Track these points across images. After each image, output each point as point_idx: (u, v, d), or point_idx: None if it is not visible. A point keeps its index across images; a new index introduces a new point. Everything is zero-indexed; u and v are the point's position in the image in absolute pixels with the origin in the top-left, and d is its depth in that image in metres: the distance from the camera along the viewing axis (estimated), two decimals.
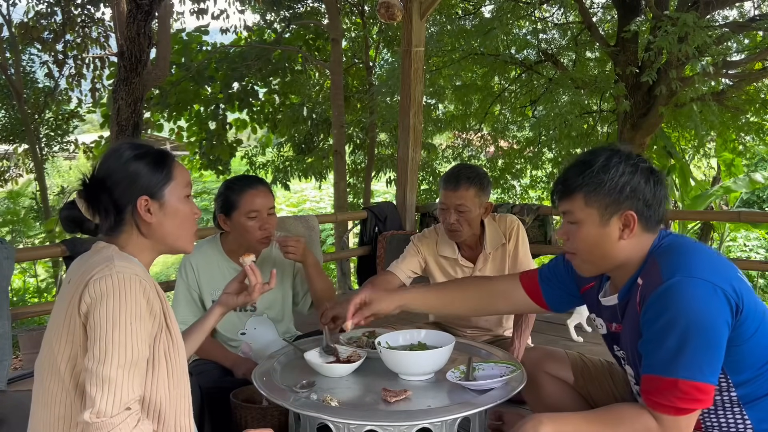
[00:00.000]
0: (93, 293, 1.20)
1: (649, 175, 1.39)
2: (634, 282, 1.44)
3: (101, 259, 1.26)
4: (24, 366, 4.15)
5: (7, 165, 10.49)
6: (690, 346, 1.28)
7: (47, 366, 1.27)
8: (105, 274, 1.21)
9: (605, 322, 1.58)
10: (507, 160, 9.34)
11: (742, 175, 8.48)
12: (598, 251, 1.43)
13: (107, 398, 1.16)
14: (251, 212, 2.15)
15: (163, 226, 1.36)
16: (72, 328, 1.23)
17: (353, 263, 5.69)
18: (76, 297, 1.22)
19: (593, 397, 1.76)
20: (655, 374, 1.33)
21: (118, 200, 1.32)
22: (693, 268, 1.32)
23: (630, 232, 1.39)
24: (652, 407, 1.34)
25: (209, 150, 9.33)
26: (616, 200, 1.37)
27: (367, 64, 9.91)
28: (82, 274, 1.25)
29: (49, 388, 1.26)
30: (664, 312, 1.31)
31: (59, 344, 1.25)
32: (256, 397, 1.94)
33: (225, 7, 9.58)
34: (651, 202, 1.38)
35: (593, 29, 6.71)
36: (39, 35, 7.75)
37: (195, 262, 2.21)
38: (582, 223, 1.42)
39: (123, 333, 1.18)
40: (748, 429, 1.39)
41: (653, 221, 1.41)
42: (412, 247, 2.61)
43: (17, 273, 8.73)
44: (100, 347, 1.17)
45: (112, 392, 1.16)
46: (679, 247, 1.40)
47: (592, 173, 1.39)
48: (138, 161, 1.34)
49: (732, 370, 1.36)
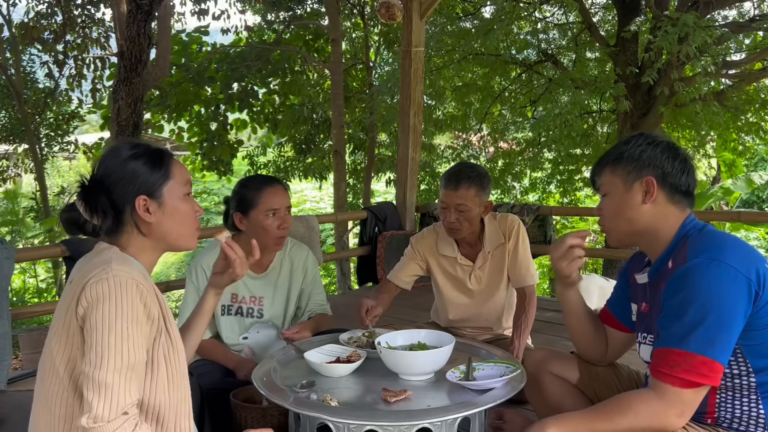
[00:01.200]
0: (89, 297, 1.20)
1: (667, 149, 1.52)
2: (664, 262, 1.49)
3: (99, 262, 1.25)
4: (24, 366, 4.15)
5: (7, 165, 10.49)
6: (705, 323, 1.32)
7: (48, 366, 1.27)
8: (101, 277, 1.21)
9: (638, 302, 1.62)
10: (507, 161, 9.35)
11: (742, 174, 8.49)
12: (624, 215, 1.54)
13: (104, 403, 1.15)
14: (270, 210, 2.16)
15: (163, 225, 1.35)
16: (70, 331, 1.23)
17: (353, 263, 5.70)
18: (74, 299, 1.22)
19: (598, 395, 1.76)
20: (666, 347, 1.36)
21: (116, 201, 1.31)
22: (719, 252, 1.37)
23: (651, 197, 1.49)
24: (656, 377, 1.36)
25: (209, 151, 9.32)
26: (636, 167, 1.51)
27: (368, 64, 9.91)
28: (80, 276, 1.25)
29: (49, 388, 1.26)
30: (683, 289, 1.36)
31: (58, 345, 1.25)
32: (256, 397, 1.95)
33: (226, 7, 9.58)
34: (669, 171, 1.50)
35: (593, 29, 6.71)
36: (39, 35, 7.75)
37: (206, 264, 2.20)
38: (610, 192, 1.56)
39: (119, 337, 1.18)
40: (760, 419, 1.40)
41: (677, 192, 1.50)
42: (410, 251, 2.62)
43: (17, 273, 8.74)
44: (96, 352, 1.17)
45: (109, 397, 1.16)
46: (712, 233, 1.46)
47: (615, 149, 1.58)
48: (135, 160, 1.33)
49: (752, 354, 1.38)
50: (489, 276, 2.55)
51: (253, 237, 2.20)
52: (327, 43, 9.30)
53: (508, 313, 2.62)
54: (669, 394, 1.34)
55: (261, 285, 2.31)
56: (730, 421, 1.42)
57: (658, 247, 1.52)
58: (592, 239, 10.97)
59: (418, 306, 3.55)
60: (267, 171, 9.93)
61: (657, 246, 1.53)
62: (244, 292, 2.29)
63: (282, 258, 2.35)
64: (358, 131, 9.93)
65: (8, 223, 10.38)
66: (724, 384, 1.40)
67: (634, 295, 1.67)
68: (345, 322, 2.42)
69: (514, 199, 9.53)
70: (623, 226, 1.55)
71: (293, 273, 2.36)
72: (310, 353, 1.90)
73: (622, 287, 1.75)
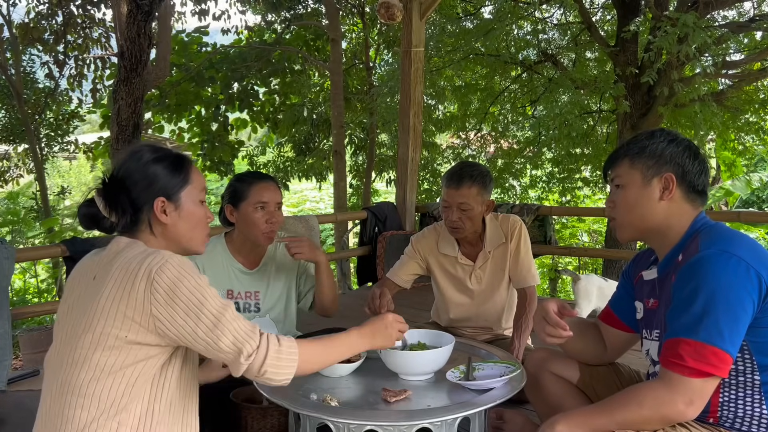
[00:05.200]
0: (165, 283, 1.23)
1: (688, 149, 1.52)
2: (674, 257, 1.49)
3: (141, 254, 1.28)
4: (24, 366, 4.15)
5: (7, 165, 10.48)
6: (713, 313, 1.31)
7: (77, 359, 1.26)
8: (162, 263, 1.25)
9: (645, 299, 1.61)
10: (507, 160, 9.35)
11: (741, 175, 8.48)
12: (639, 210, 1.53)
13: (241, 336, 1.26)
14: (259, 203, 2.18)
15: (177, 227, 1.40)
16: (135, 322, 1.23)
17: (353, 263, 5.70)
18: (139, 292, 1.23)
19: (599, 395, 1.76)
20: (676, 337, 1.35)
21: (135, 200, 1.36)
22: (731, 245, 1.37)
23: (669, 193, 1.49)
24: (665, 367, 1.36)
25: (210, 152, 9.33)
26: (657, 163, 1.51)
27: (368, 64, 9.91)
28: (128, 270, 1.25)
29: (66, 379, 1.26)
30: (693, 279, 1.36)
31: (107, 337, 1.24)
32: (256, 397, 1.95)
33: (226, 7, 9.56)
34: (688, 169, 1.50)
35: (593, 29, 6.71)
36: (39, 36, 7.74)
37: (201, 261, 2.22)
38: (626, 185, 1.54)
39: (209, 293, 1.27)
40: (763, 419, 1.39)
41: (693, 191, 1.51)
42: (410, 249, 2.62)
43: (17, 273, 8.73)
44: (205, 314, 1.25)
45: (238, 330, 1.26)
46: (724, 229, 1.47)
47: (636, 141, 1.56)
48: (157, 164, 1.39)
49: (759, 351, 1.38)
50: (489, 276, 2.55)
51: (242, 230, 2.23)
52: (327, 43, 9.30)
53: (508, 314, 2.62)
54: (675, 383, 1.33)
55: (255, 279, 2.32)
56: (732, 420, 1.42)
57: (668, 243, 1.52)
58: (593, 239, 10.97)
59: (418, 306, 3.56)
60: (267, 171, 9.93)
61: (667, 242, 1.53)
62: (238, 288, 2.30)
63: (274, 251, 2.36)
64: (359, 131, 9.94)
65: (8, 223, 10.37)
66: (728, 381, 1.40)
67: (639, 293, 1.66)
68: (345, 322, 2.42)
69: (514, 197, 9.54)
70: (636, 221, 1.54)
71: (287, 263, 2.37)
72: None
73: (625, 287, 1.75)
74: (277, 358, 1.29)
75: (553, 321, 1.60)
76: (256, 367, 1.28)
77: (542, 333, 1.64)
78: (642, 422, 1.36)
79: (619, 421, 1.37)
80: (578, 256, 7.51)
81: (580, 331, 1.77)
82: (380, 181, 10.68)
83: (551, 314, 1.61)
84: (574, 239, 10.91)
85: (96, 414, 1.24)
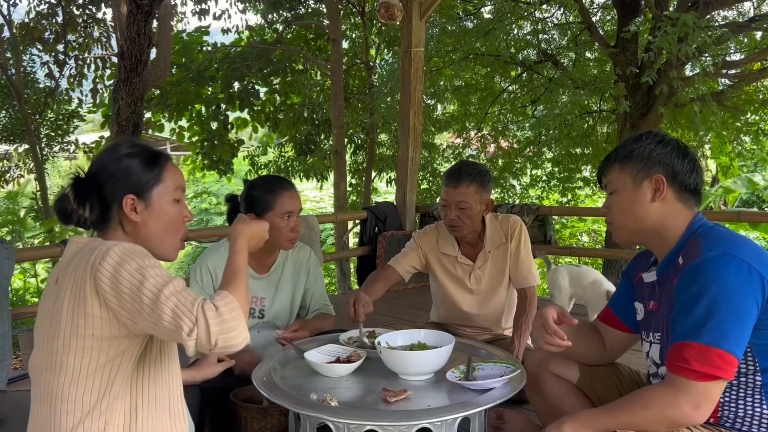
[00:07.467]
0: (107, 270, 1.18)
1: (676, 148, 1.52)
2: (673, 259, 1.49)
3: (94, 249, 1.24)
4: (24, 366, 4.15)
5: (8, 165, 10.49)
6: (717, 315, 1.31)
7: (54, 364, 1.25)
8: (105, 251, 1.20)
9: (645, 301, 1.61)
10: (507, 160, 9.35)
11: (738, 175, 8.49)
12: (632, 213, 1.54)
13: (180, 311, 1.14)
14: (286, 213, 2.19)
15: (148, 226, 1.35)
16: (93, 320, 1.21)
17: (353, 263, 5.70)
18: (86, 286, 1.20)
19: (599, 395, 1.76)
20: (681, 340, 1.35)
21: (105, 196, 1.32)
22: (733, 247, 1.37)
23: (661, 194, 1.49)
24: (671, 371, 1.36)
25: (210, 150, 9.33)
26: (646, 165, 1.51)
27: (368, 64, 9.91)
28: (79, 268, 1.23)
29: (48, 386, 1.26)
30: (697, 282, 1.35)
31: (74, 337, 1.22)
32: (256, 397, 1.95)
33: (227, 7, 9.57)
34: (678, 169, 1.50)
35: (593, 29, 6.71)
36: (40, 36, 7.75)
37: (213, 264, 2.21)
38: (619, 190, 1.56)
39: (152, 269, 1.19)
40: (764, 419, 1.40)
41: (686, 191, 1.51)
42: (413, 242, 2.63)
43: (17, 273, 8.73)
44: (145, 293, 1.15)
45: (177, 305, 1.14)
46: (724, 230, 1.46)
47: (624, 146, 1.58)
48: (130, 158, 1.34)
49: (762, 352, 1.38)
50: (489, 276, 2.55)
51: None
52: (327, 43, 9.31)
53: (508, 314, 2.62)
54: (681, 386, 1.33)
55: (263, 285, 2.31)
56: (732, 420, 1.42)
57: (666, 244, 1.52)
58: (592, 239, 10.97)
59: (418, 306, 3.56)
60: (268, 171, 9.93)
61: (665, 244, 1.53)
62: None
63: (285, 259, 2.36)
64: (359, 131, 9.94)
65: (8, 223, 10.38)
66: (729, 382, 1.40)
67: (640, 294, 1.66)
68: (345, 323, 2.42)
69: (514, 197, 9.54)
70: (631, 223, 1.55)
71: (296, 273, 2.37)
72: (310, 353, 1.90)
73: (625, 288, 1.75)
74: (221, 323, 1.15)
75: (552, 330, 1.60)
76: (204, 341, 1.14)
77: (541, 341, 1.64)
78: (648, 425, 1.37)
79: (625, 423, 1.38)
80: (578, 256, 7.51)
81: (580, 333, 1.77)
82: (380, 181, 10.69)
83: (550, 323, 1.61)
84: (574, 239, 10.92)
85: (81, 417, 1.23)
